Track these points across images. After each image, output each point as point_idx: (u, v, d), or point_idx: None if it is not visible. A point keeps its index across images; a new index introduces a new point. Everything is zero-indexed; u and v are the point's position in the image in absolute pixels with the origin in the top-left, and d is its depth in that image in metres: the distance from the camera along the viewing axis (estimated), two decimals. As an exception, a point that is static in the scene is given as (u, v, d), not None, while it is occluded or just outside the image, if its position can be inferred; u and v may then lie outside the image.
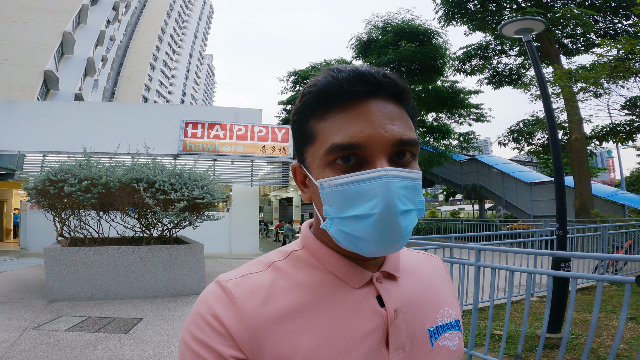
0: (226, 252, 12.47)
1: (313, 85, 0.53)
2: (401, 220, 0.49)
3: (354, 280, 0.56)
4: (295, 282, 0.55)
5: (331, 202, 0.51)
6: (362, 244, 0.50)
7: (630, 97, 9.61)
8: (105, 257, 5.69)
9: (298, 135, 0.57)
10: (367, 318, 0.53)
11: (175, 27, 66.27)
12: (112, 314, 5.09)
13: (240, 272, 0.57)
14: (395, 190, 0.48)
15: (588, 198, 12.36)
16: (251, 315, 0.51)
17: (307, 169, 0.56)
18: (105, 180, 5.44)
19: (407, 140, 0.51)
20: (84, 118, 12.32)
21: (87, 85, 29.44)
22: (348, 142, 0.49)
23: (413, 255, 0.69)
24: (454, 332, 0.61)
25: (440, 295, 0.64)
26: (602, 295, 5.55)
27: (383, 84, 0.51)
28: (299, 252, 0.60)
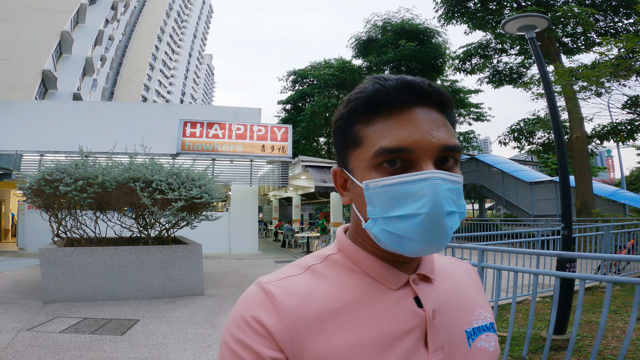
0: (225, 252, 12.39)
1: (360, 92, 0.55)
2: (447, 221, 0.50)
3: (391, 282, 0.57)
4: (333, 284, 0.57)
5: (376, 202, 0.53)
6: (405, 243, 0.52)
7: (631, 96, 9.54)
8: (102, 257, 5.61)
9: (342, 140, 0.59)
10: (405, 318, 0.55)
11: (175, 26, 66.14)
12: (108, 315, 5.02)
13: (279, 275, 0.59)
14: (442, 191, 0.50)
15: (589, 197, 12.30)
16: (292, 315, 0.52)
17: (351, 172, 0.58)
18: (102, 180, 5.36)
19: (453, 146, 0.54)
20: (82, 118, 12.24)
21: (85, 85, 29.32)
22: (396, 146, 0.51)
23: (444, 260, 0.70)
24: (490, 334, 0.62)
25: (474, 298, 0.66)
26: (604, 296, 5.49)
27: (429, 92, 0.54)
28: (336, 256, 0.61)
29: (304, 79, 27.14)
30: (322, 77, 23.87)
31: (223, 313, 5.25)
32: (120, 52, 50.87)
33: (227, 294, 6.42)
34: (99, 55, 32.69)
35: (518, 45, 13.74)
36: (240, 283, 7.38)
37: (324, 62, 25.70)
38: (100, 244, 6.19)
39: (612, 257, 2.90)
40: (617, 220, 10.73)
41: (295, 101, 27.28)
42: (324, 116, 22.87)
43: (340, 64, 24.52)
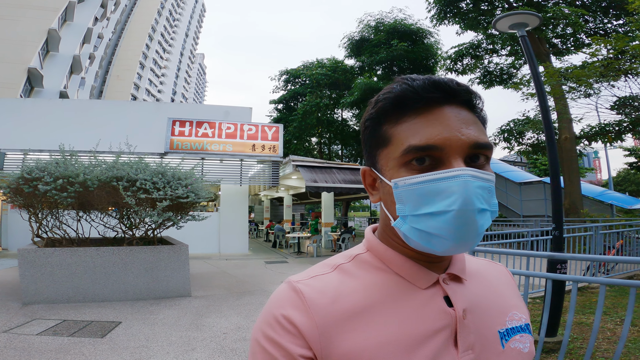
0: (215, 253, 12.23)
1: (388, 92, 0.56)
2: (478, 218, 0.50)
3: (421, 281, 0.57)
4: (362, 283, 0.57)
5: (405, 200, 0.53)
6: (435, 241, 0.51)
7: (619, 97, 9.62)
8: (83, 258, 5.44)
9: (370, 140, 0.59)
10: (434, 317, 0.54)
11: (166, 25, 65.50)
12: (89, 317, 4.88)
13: (308, 274, 0.60)
14: (473, 188, 0.49)
15: (578, 198, 12.40)
16: (321, 313, 0.53)
17: (379, 172, 0.58)
18: (83, 179, 5.19)
19: (483, 143, 0.53)
20: (68, 116, 11.97)
21: (73, 83, 28.88)
22: (425, 144, 0.51)
23: (477, 261, 0.70)
24: (524, 335, 0.61)
25: (507, 299, 0.65)
26: (594, 297, 5.48)
27: (457, 91, 0.54)
28: (364, 255, 0.62)
29: (296, 79, 27.07)
30: (314, 77, 23.83)
31: (210, 315, 5.13)
32: (110, 51, 50.21)
33: (215, 295, 6.29)
34: (88, 53, 32.23)
35: (509, 45, 13.83)
36: (229, 284, 7.25)
37: (317, 61, 25.65)
38: (82, 245, 6.02)
39: (604, 258, 2.86)
40: (605, 220, 10.83)
41: (288, 101, 27.18)
42: (315, 116, 22.80)
43: (333, 63, 24.51)
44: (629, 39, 7.69)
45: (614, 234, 7.81)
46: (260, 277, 8.07)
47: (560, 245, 3.37)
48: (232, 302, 5.82)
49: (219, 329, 4.58)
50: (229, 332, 4.45)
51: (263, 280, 7.76)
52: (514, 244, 7.34)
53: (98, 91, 44.60)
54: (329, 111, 24.75)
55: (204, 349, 3.93)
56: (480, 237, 0.52)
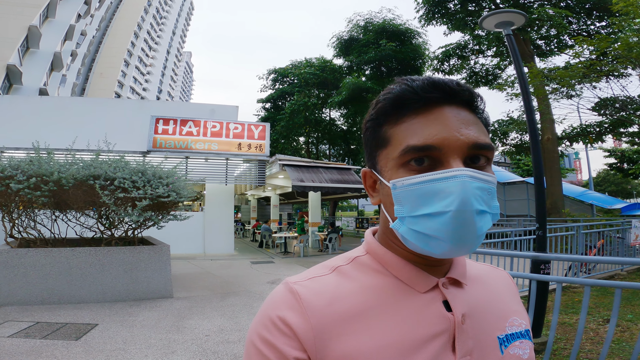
0: (200, 253, 12.03)
1: (388, 93, 0.56)
2: (477, 220, 0.49)
3: (420, 284, 0.57)
4: (360, 286, 0.57)
5: (403, 201, 0.52)
6: (433, 243, 0.51)
7: (601, 98, 9.82)
8: (58, 259, 5.25)
9: (371, 141, 0.59)
10: (432, 321, 0.54)
11: (153, 23, 64.48)
12: (64, 320, 4.71)
13: (306, 275, 0.59)
14: (471, 189, 0.49)
15: (559, 198, 12.62)
16: (317, 315, 0.52)
17: (379, 173, 0.58)
18: (57, 177, 4.99)
19: (483, 144, 0.53)
20: (47, 113, 11.61)
21: (53, 80, 28.21)
22: (424, 144, 0.51)
23: (478, 266, 0.69)
24: (524, 341, 0.60)
25: (508, 305, 0.64)
26: (576, 296, 5.54)
27: (456, 91, 0.53)
28: (363, 258, 0.61)
29: (284, 78, 26.92)
30: (302, 76, 23.74)
31: (192, 317, 5.01)
32: (94, 48, 49.18)
33: (198, 296, 6.16)
34: (69, 50, 31.53)
35: (494, 46, 14.01)
36: (213, 285, 7.11)
37: (305, 61, 25.56)
38: (58, 245, 5.81)
39: (587, 259, 2.87)
40: (587, 220, 11.03)
41: (275, 100, 27.02)
42: (303, 115, 22.72)
43: (321, 63, 24.46)
44: (612, 40, 7.83)
45: (595, 234, 7.94)
46: (245, 278, 7.95)
47: (543, 245, 3.37)
48: (216, 303, 5.70)
49: (201, 330, 4.46)
50: (212, 334, 4.34)
51: (248, 280, 7.65)
52: (498, 243, 7.40)
53: (80, 89, 43.60)
54: (317, 111, 24.69)
55: (184, 352, 3.81)
56: (480, 240, 0.51)
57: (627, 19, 7.58)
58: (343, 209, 54.43)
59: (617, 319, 4.01)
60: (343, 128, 25.17)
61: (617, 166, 21.26)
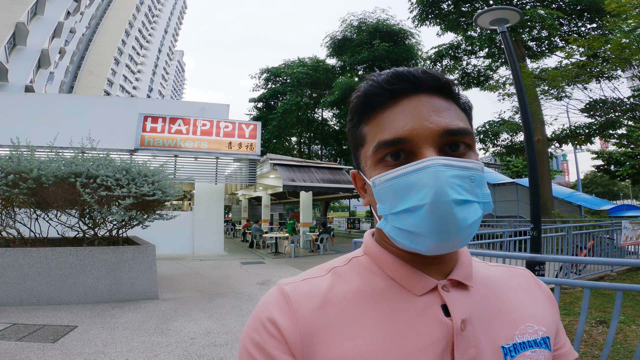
0: (188, 253, 11.83)
1: (357, 92, 0.55)
2: (457, 211, 0.46)
3: (416, 287, 0.54)
4: (354, 288, 0.55)
5: (384, 198, 0.51)
6: (417, 240, 0.49)
7: (591, 100, 9.88)
8: (37, 259, 5.06)
9: (352, 142, 0.59)
10: (429, 328, 0.51)
11: (145, 21, 63.80)
12: (42, 321, 4.54)
13: (300, 277, 0.58)
14: (446, 178, 0.46)
15: (549, 199, 12.68)
16: (305, 319, 0.51)
17: (363, 172, 0.57)
18: (37, 174, 4.80)
19: (456, 129, 0.50)
20: (32, 110, 11.33)
21: (40, 77, 27.71)
22: (393, 137, 0.50)
23: (493, 269, 0.64)
24: (537, 350, 0.55)
25: (522, 310, 0.58)
26: (567, 297, 5.50)
27: (422, 79, 0.51)
28: (361, 258, 0.60)
29: (277, 77, 26.76)
30: (295, 76, 23.62)
31: (178, 319, 4.85)
32: (83, 46, 48.48)
33: (185, 297, 6.00)
34: (58, 47, 31.01)
35: (486, 47, 14.06)
36: (201, 286, 6.95)
37: (298, 60, 25.43)
38: (38, 245, 5.61)
39: (583, 260, 2.81)
40: (576, 221, 11.10)
41: (268, 99, 26.84)
42: (295, 115, 22.59)
43: (314, 62, 24.36)
44: (605, 39, 7.86)
45: (585, 235, 7.96)
46: (235, 279, 7.79)
47: (538, 246, 3.31)
48: (203, 305, 5.55)
49: (187, 333, 4.32)
50: (198, 337, 4.20)
51: (238, 281, 7.50)
52: (489, 244, 7.37)
53: (68, 87, 42.89)
54: (310, 110, 24.58)
55: (168, 355, 3.66)
56: (469, 232, 0.48)
57: (619, 20, 7.63)
58: (335, 210, 54.38)
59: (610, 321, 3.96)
60: (335, 128, 25.09)
61: (604, 168, 21.52)
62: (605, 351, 1.99)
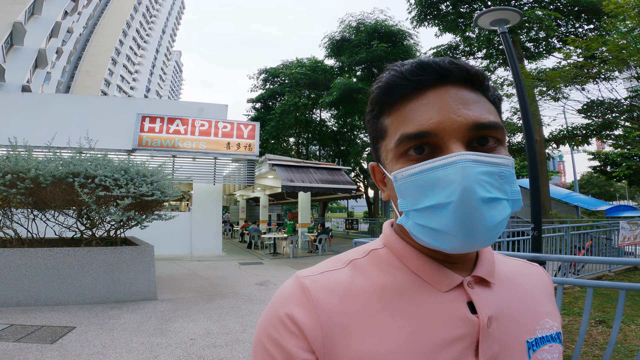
0: (186, 254, 11.79)
1: (379, 82, 0.53)
2: (484, 209, 0.44)
3: (441, 283, 0.52)
4: (376, 282, 0.53)
5: (406, 194, 0.49)
6: (441, 238, 0.47)
7: (589, 100, 9.92)
8: (34, 259, 5.03)
9: (372, 134, 0.57)
10: (454, 324, 0.49)
11: (142, 21, 63.64)
12: (40, 322, 4.51)
13: (318, 269, 0.56)
14: (474, 175, 0.44)
15: (546, 199, 12.71)
16: (327, 314, 0.49)
17: (383, 165, 0.55)
18: (35, 174, 4.77)
19: (486, 123, 0.48)
20: (29, 110, 11.27)
21: (37, 77, 27.59)
22: (418, 131, 0.48)
23: (511, 262, 0.64)
24: (554, 345, 0.56)
25: (540, 305, 0.59)
26: (566, 297, 5.51)
27: (449, 70, 0.49)
28: (381, 251, 0.58)
29: (275, 78, 26.72)
30: (293, 76, 23.60)
31: (177, 319, 4.83)
32: (81, 46, 48.31)
33: (184, 298, 5.97)
34: (55, 47, 30.91)
35: (484, 48, 14.10)
36: (199, 286, 6.92)
37: (297, 61, 25.41)
38: (35, 245, 5.57)
39: (586, 259, 2.81)
40: (573, 221, 11.13)
41: (266, 100, 26.80)
42: (294, 115, 22.56)
43: (313, 63, 24.34)
44: (602, 40, 7.89)
45: (583, 235, 7.98)
46: (233, 279, 7.77)
47: (539, 245, 3.31)
48: (202, 306, 5.53)
49: (186, 334, 4.30)
50: (197, 338, 4.18)
51: (236, 282, 7.47)
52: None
53: (65, 86, 42.71)
54: (308, 111, 24.55)
55: (168, 356, 3.64)
56: (496, 231, 0.46)
57: (617, 21, 7.66)
58: (332, 210, 54.37)
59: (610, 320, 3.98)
60: (333, 129, 25.09)
61: (600, 169, 21.65)
62: (608, 351, 1.99)
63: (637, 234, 7.71)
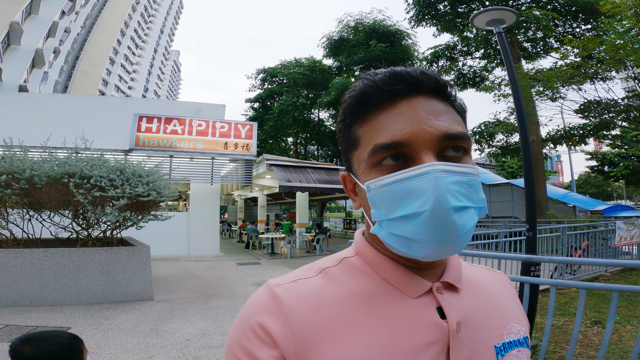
0: (184, 254, 11.78)
1: (352, 91, 0.53)
2: (456, 218, 0.45)
3: (411, 289, 0.53)
4: (348, 290, 0.53)
5: (379, 204, 0.50)
6: (415, 246, 0.48)
7: (586, 100, 9.94)
8: (30, 260, 5.01)
9: (344, 143, 0.57)
10: (425, 330, 0.50)
11: (140, 21, 63.47)
12: (35, 322, 4.51)
13: (290, 278, 0.56)
14: (446, 185, 0.45)
15: (543, 199, 12.75)
16: (299, 322, 0.49)
17: (355, 175, 0.55)
18: (30, 175, 4.74)
19: (455, 134, 0.49)
20: (25, 110, 11.22)
21: (35, 77, 27.53)
22: (391, 141, 0.48)
23: (475, 269, 0.65)
24: (522, 350, 0.57)
25: (506, 311, 0.60)
26: (562, 298, 5.51)
27: (421, 80, 0.50)
28: (352, 259, 0.58)
29: (273, 78, 26.72)
30: (291, 76, 23.60)
31: (173, 320, 4.81)
32: (78, 46, 48.16)
33: (181, 298, 5.96)
34: (52, 47, 30.85)
35: (482, 48, 14.13)
36: (196, 287, 6.91)
37: (295, 61, 25.41)
38: (31, 246, 5.55)
39: (579, 260, 2.81)
40: (570, 221, 11.15)
41: (264, 100, 26.79)
42: (292, 115, 22.57)
43: (311, 63, 24.34)
44: (599, 40, 7.90)
45: (579, 235, 8.00)
46: (230, 279, 7.76)
47: (533, 246, 3.31)
48: (199, 306, 5.51)
49: (182, 335, 4.28)
50: (193, 339, 4.16)
51: (234, 282, 7.46)
52: (485, 245, 7.38)
53: (63, 86, 42.58)
54: (306, 111, 24.57)
55: (163, 357, 3.63)
56: (466, 238, 0.47)
57: (614, 21, 7.67)
58: (331, 210, 54.39)
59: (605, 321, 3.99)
60: (332, 129, 25.09)
61: (598, 169, 21.67)
62: (602, 352, 1.99)
63: (633, 234, 7.73)
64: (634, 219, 8.01)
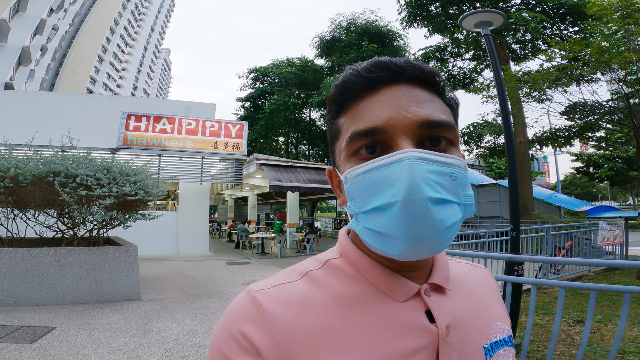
0: (173, 254, 11.68)
1: (336, 81, 0.52)
2: (434, 211, 0.41)
3: (398, 293, 0.51)
4: (332, 294, 0.51)
5: (354, 195, 0.47)
6: (389, 243, 0.45)
7: (571, 102, 10.12)
8: (14, 259, 4.94)
9: (329, 135, 0.55)
10: (413, 335, 0.48)
11: (131, 19, 62.65)
12: (19, 322, 4.45)
13: (272, 282, 0.53)
14: (421, 173, 0.42)
15: (529, 200, 12.95)
16: (283, 330, 0.47)
17: (337, 168, 0.53)
18: (14, 173, 4.67)
19: (437, 121, 0.46)
20: (11, 108, 11.01)
21: (21, 74, 27.00)
22: (368, 127, 0.47)
23: (460, 266, 0.63)
24: (507, 349, 0.56)
25: (492, 309, 0.58)
26: (546, 297, 5.62)
27: (404, 68, 0.48)
28: (336, 261, 0.55)
29: (265, 77, 26.62)
30: (283, 76, 23.56)
31: (161, 319, 4.78)
32: (66, 43, 47.39)
33: (168, 298, 5.92)
34: (39, 45, 30.27)
35: (472, 49, 14.29)
36: (185, 286, 6.87)
37: (287, 60, 25.35)
38: (15, 245, 5.46)
39: (560, 260, 2.88)
40: (555, 222, 11.35)
41: (255, 99, 26.69)
42: (283, 115, 22.53)
43: (303, 63, 24.33)
44: (585, 42, 8.05)
45: (564, 235, 8.15)
46: (220, 279, 7.73)
47: (517, 246, 3.37)
48: (187, 306, 5.49)
49: (170, 334, 4.26)
50: (181, 338, 4.15)
51: (223, 282, 7.44)
52: (472, 244, 7.47)
53: (49, 84, 41.85)
54: (297, 111, 24.55)
55: (150, 356, 3.61)
56: (446, 236, 0.44)
57: (600, 23, 7.83)
58: (322, 210, 54.40)
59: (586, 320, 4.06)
60: (323, 129, 25.11)
61: (583, 170, 22.08)
62: (581, 351, 2.04)
63: (616, 234, 7.91)
64: (617, 220, 8.19)
